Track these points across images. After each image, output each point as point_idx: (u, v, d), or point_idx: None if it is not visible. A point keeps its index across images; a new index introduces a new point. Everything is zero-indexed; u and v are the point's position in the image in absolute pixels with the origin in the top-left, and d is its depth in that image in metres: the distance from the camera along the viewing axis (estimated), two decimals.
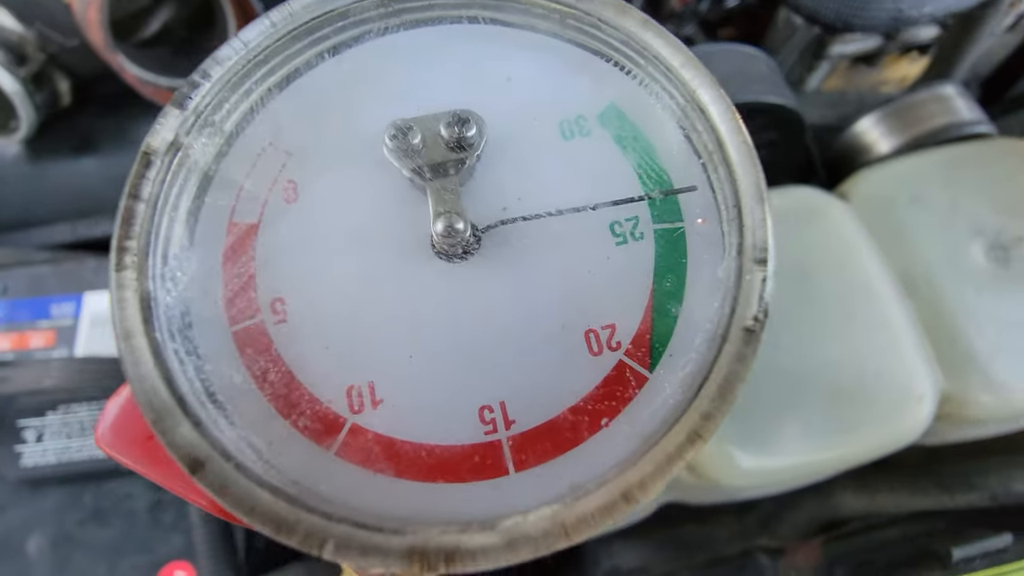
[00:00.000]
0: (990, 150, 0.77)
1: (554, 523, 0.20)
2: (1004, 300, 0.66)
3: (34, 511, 0.86)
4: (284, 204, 0.25)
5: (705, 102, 0.25)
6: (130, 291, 0.22)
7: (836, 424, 0.60)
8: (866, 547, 0.67)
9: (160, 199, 0.23)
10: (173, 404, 0.21)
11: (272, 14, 0.25)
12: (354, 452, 0.22)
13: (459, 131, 0.24)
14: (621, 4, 0.25)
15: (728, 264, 0.24)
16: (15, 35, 0.99)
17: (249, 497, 0.20)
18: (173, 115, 0.25)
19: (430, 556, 0.19)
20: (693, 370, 0.23)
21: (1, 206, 1.12)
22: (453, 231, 0.23)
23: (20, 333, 0.95)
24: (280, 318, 0.23)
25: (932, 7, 0.93)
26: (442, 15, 0.26)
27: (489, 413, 0.22)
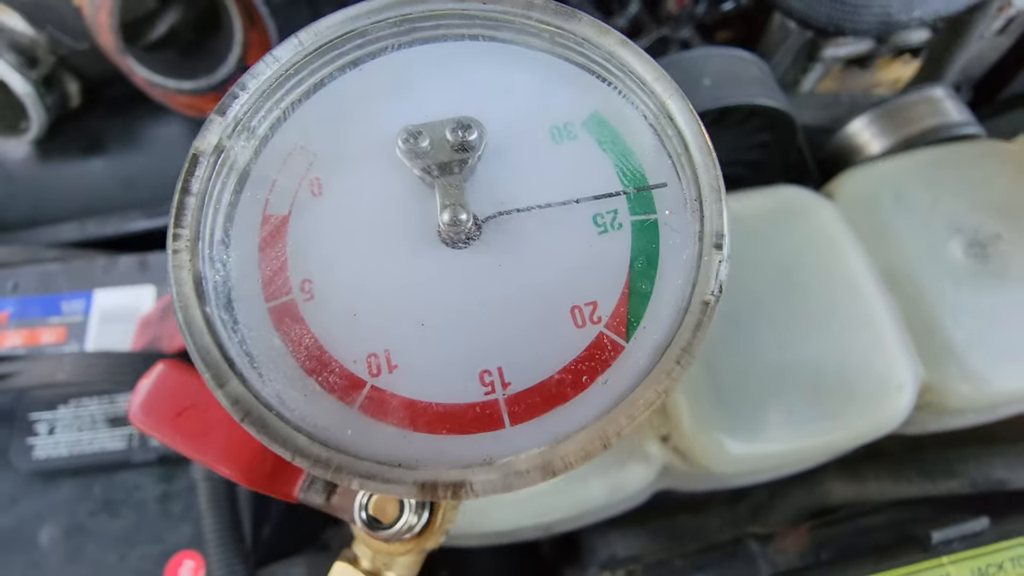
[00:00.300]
0: (970, 152, 0.80)
1: (541, 461, 0.24)
2: (981, 295, 0.68)
3: (46, 502, 0.88)
4: (311, 198, 0.29)
5: (673, 111, 0.29)
6: (185, 271, 0.26)
7: (820, 413, 0.63)
8: (851, 532, 0.69)
9: (207, 193, 0.27)
10: (224, 364, 0.25)
11: (301, 34, 0.29)
12: (374, 408, 0.26)
13: (462, 135, 0.28)
14: (602, 26, 0.30)
15: (690, 248, 0.28)
16: (27, 38, 1.01)
17: (291, 439, 0.24)
18: (217, 122, 0.29)
19: (439, 487, 0.23)
20: (660, 339, 0.27)
21: (11, 205, 1.14)
22: (457, 221, 0.28)
23: (31, 329, 0.97)
24: (309, 296, 0.27)
25: (920, 11, 0.95)
26: (447, 33, 0.31)
27: (488, 376, 0.26)
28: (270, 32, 1.07)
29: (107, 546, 0.86)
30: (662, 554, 0.81)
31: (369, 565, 0.32)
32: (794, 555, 0.67)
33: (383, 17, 0.30)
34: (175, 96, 1.07)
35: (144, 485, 0.89)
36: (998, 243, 0.70)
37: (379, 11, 0.30)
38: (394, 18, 0.30)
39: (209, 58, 1.15)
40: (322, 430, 0.25)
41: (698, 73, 0.90)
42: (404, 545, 0.29)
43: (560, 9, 0.30)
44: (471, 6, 0.30)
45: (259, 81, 0.29)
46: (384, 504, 0.28)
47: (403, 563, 0.32)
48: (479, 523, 0.65)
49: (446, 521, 0.32)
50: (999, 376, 0.66)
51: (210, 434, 0.29)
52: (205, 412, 0.29)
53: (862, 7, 0.95)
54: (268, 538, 0.95)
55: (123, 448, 0.88)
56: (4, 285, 0.99)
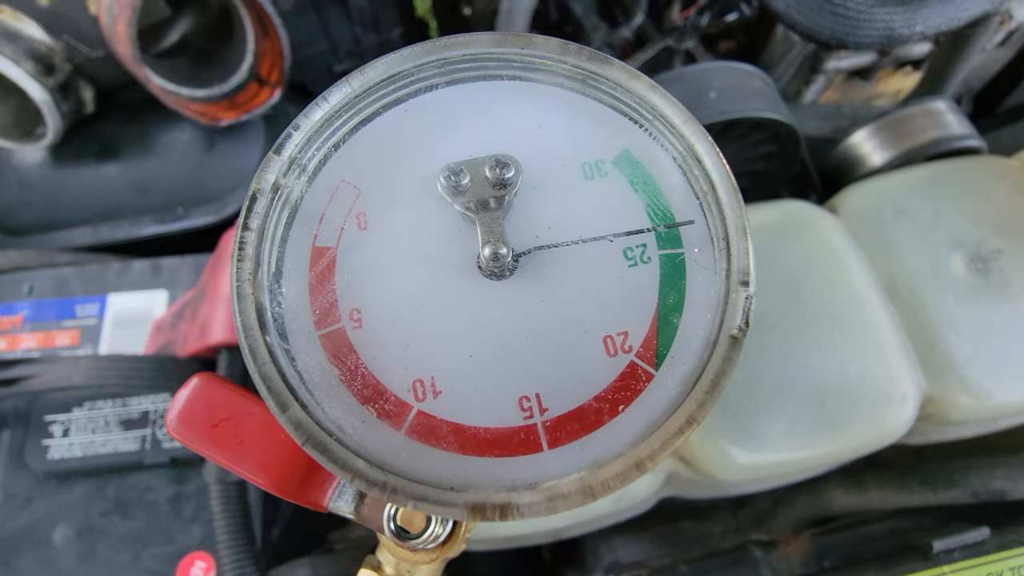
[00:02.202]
0: (971, 167, 0.81)
1: (582, 485, 0.26)
2: (982, 308, 0.69)
3: (60, 503, 0.89)
4: (358, 231, 0.31)
5: (701, 153, 0.31)
6: (248, 302, 0.27)
7: (824, 423, 0.64)
8: (854, 540, 0.70)
9: (264, 228, 0.29)
10: (286, 390, 0.27)
11: (352, 80, 0.31)
12: (420, 432, 0.28)
13: (500, 172, 0.30)
14: (633, 71, 0.31)
15: (718, 285, 0.29)
16: (44, 46, 1.03)
17: (350, 463, 0.26)
18: (275, 161, 0.30)
19: (487, 509, 0.25)
20: (690, 369, 0.29)
21: (26, 209, 1.15)
22: (498, 256, 0.29)
23: (46, 332, 0.98)
24: (357, 324, 0.29)
25: (922, 26, 0.96)
26: (486, 74, 0.33)
27: (527, 402, 0.28)
28: (283, 43, 1.08)
29: (119, 546, 0.87)
30: (666, 559, 0.82)
31: (393, 572, 0.34)
32: (797, 562, 0.68)
33: (426, 60, 0.32)
34: (188, 104, 1.08)
35: (156, 487, 0.90)
36: (999, 258, 0.71)
37: (422, 55, 0.32)
38: (435, 61, 0.32)
39: (221, 66, 1.16)
40: (378, 453, 0.27)
41: (704, 86, 0.92)
42: (429, 555, 0.31)
43: (593, 55, 0.32)
44: (509, 51, 0.32)
45: (311, 121, 0.31)
46: (412, 516, 0.30)
47: (426, 571, 0.34)
48: (489, 528, 0.66)
49: (468, 531, 0.33)
50: (1000, 388, 0.67)
51: (244, 445, 0.31)
52: (240, 424, 0.31)
53: (865, 22, 0.96)
54: (277, 540, 0.96)
55: (136, 450, 0.89)
56: (19, 288, 1.01)
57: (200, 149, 1.17)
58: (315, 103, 0.31)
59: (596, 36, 1.35)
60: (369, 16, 1.57)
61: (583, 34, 1.40)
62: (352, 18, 1.53)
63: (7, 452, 0.90)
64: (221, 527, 0.80)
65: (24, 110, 1.10)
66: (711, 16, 1.37)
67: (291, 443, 0.31)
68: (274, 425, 0.31)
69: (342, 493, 0.31)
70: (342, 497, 0.31)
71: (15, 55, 0.99)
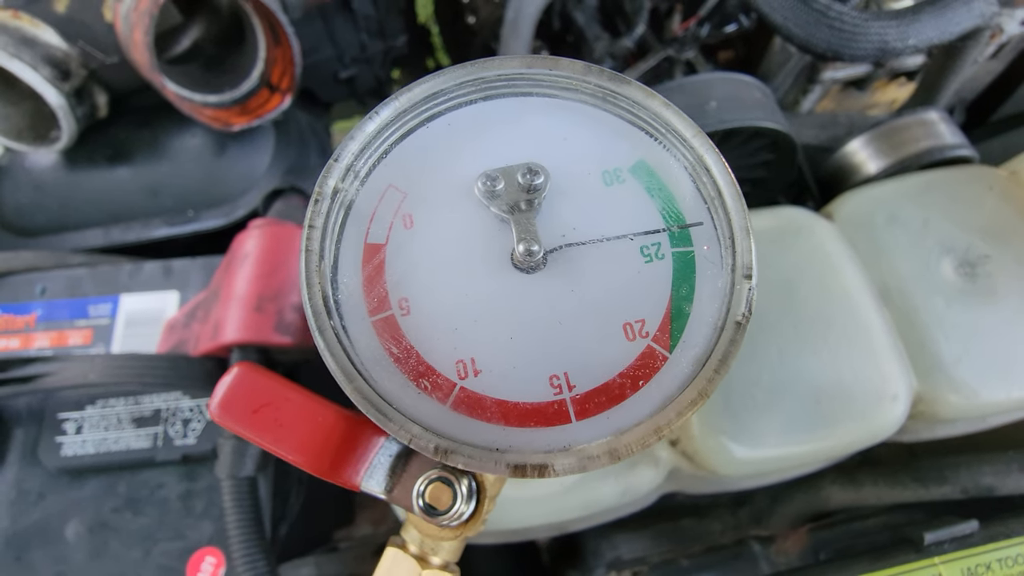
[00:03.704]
0: (960, 176, 0.84)
1: (609, 448, 0.30)
2: (970, 311, 0.72)
3: (73, 499, 0.90)
4: (404, 229, 0.35)
5: (709, 163, 0.35)
6: (316, 290, 0.31)
7: (819, 420, 0.67)
8: (849, 534, 0.73)
9: (326, 227, 0.33)
10: (350, 366, 0.31)
11: (400, 97, 0.36)
12: (464, 405, 0.31)
13: (531, 179, 0.34)
14: (648, 90, 0.35)
15: (724, 278, 0.33)
16: (60, 52, 1.05)
17: (407, 427, 0.30)
18: (335, 168, 0.35)
19: (527, 468, 0.29)
20: (700, 351, 0.32)
21: (38, 211, 1.17)
22: (531, 252, 0.33)
23: (59, 331, 0.99)
24: (405, 312, 0.33)
25: (915, 39, 0.99)
26: (518, 91, 0.37)
27: (556, 380, 0.32)
28: (294, 50, 1.11)
29: (131, 542, 0.88)
30: (667, 555, 0.84)
31: (417, 550, 0.36)
32: (794, 556, 0.71)
33: (464, 80, 0.36)
34: (202, 109, 1.11)
35: (167, 483, 0.91)
36: (987, 263, 0.74)
37: (461, 76, 0.36)
38: (473, 80, 0.36)
39: (233, 72, 1.19)
40: (429, 421, 0.30)
41: (705, 96, 0.95)
42: (453, 531, 0.33)
43: (613, 76, 0.36)
44: (538, 72, 0.36)
45: (365, 133, 0.35)
46: (439, 494, 0.33)
47: (447, 548, 0.36)
48: (497, 521, 0.68)
49: (487, 511, 0.35)
50: (987, 388, 0.70)
51: (283, 429, 0.33)
52: (278, 409, 0.33)
53: (860, 35, 0.99)
54: (285, 537, 0.97)
55: (148, 447, 0.90)
56: (33, 289, 1.02)
57: (211, 153, 1.19)
58: (368, 117, 0.35)
59: (598, 46, 1.38)
60: (375, 24, 1.60)
61: (585, 44, 1.43)
62: (358, 26, 1.56)
63: (21, 449, 0.91)
64: (232, 522, 0.81)
65: (38, 114, 1.12)
66: (711, 27, 1.41)
67: (325, 427, 0.33)
68: (309, 410, 0.33)
69: (373, 474, 0.33)
70: (373, 477, 0.33)
71: (33, 61, 1.01)
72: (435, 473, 0.33)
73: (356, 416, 0.35)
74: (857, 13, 0.99)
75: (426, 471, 0.33)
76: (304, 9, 1.24)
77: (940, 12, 0.98)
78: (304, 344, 0.90)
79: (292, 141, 1.23)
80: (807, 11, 0.99)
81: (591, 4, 1.48)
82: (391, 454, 0.34)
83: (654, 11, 1.45)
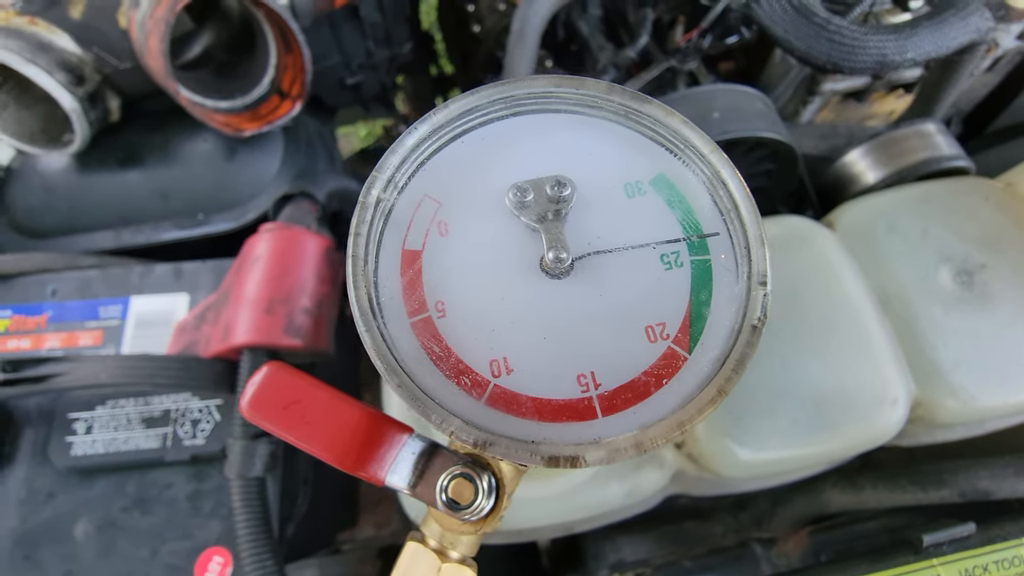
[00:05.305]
0: (958, 187, 0.86)
1: (636, 441, 0.31)
2: (968, 318, 0.74)
3: (82, 498, 0.90)
4: (440, 237, 0.37)
5: (726, 177, 0.37)
6: (362, 292, 0.33)
7: (820, 424, 0.68)
8: (849, 536, 0.74)
9: (369, 234, 0.35)
10: (397, 366, 0.33)
11: (436, 114, 0.39)
12: (497, 402, 0.34)
13: (558, 191, 0.37)
14: (668, 109, 0.38)
15: (741, 285, 0.35)
16: (75, 57, 1.07)
17: (448, 420, 0.31)
18: (378, 179, 0.37)
19: (560, 459, 0.31)
20: (718, 352, 0.34)
21: (49, 213, 1.18)
22: (560, 259, 0.35)
23: (70, 332, 1.00)
24: (441, 314, 0.35)
25: (913, 53, 1.02)
26: (545, 107, 0.40)
27: (583, 379, 0.34)
28: (305, 57, 1.13)
29: (139, 541, 0.88)
30: (670, 557, 0.85)
31: (436, 544, 0.37)
32: (795, 557, 0.72)
33: (496, 98, 0.39)
34: (213, 115, 1.12)
35: (176, 483, 0.91)
36: (983, 272, 0.76)
37: (493, 94, 0.39)
38: (504, 99, 0.39)
39: (244, 78, 1.21)
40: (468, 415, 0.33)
41: (707, 107, 0.97)
42: (473, 526, 0.35)
43: (635, 95, 0.39)
44: (565, 90, 0.39)
45: (405, 146, 0.37)
46: (461, 489, 0.34)
47: (466, 542, 0.37)
48: (506, 521, 0.69)
49: (506, 507, 0.37)
50: (984, 393, 0.72)
51: (311, 425, 0.34)
52: (306, 407, 0.35)
53: (859, 48, 1.01)
54: (291, 538, 0.98)
55: (157, 447, 0.91)
56: (44, 290, 1.03)
57: (221, 158, 1.20)
58: (407, 132, 0.37)
59: (602, 56, 1.40)
60: (382, 31, 1.63)
61: (589, 54, 1.45)
62: (365, 33, 1.58)
63: (31, 448, 0.92)
64: (241, 522, 0.81)
65: (52, 117, 1.14)
66: (713, 38, 1.43)
67: (351, 424, 0.35)
68: (336, 408, 0.35)
69: (397, 469, 0.35)
70: (397, 473, 0.35)
71: (48, 66, 1.03)
72: (458, 469, 0.34)
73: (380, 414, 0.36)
74: (856, 27, 1.01)
75: (449, 467, 0.35)
76: (314, 16, 1.26)
77: (937, 27, 1.00)
78: (313, 346, 0.91)
79: (301, 146, 1.25)
80: (807, 24, 1.02)
81: (595, 15, 1.50)
82: (415, 451, 0.35)
83: (657, 22, 1.48)
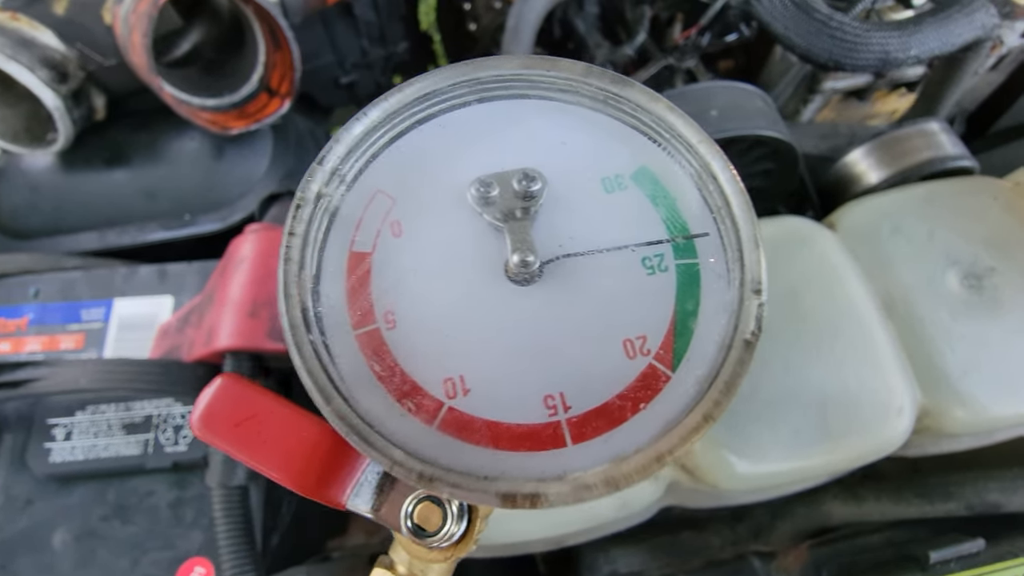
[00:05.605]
0: (965, 187, 0.84)
1: (607, 477, 0.27)
2: (976, 324, 0.71)
3: (60, 506, 0.88)
4: (392, 238, 0.33)
5: (716, 170, 0.33)
6: (294, 302, 0.29)
7: (823, 433, 0.65)
8: (851, 551, 0.71)
9: (307, 234, 0.31)
10: (329, 385, 0.29)
11: (389, 97, 0.34)
12: (452, 426, 0.30)
13: (527, 185, 0.33)
14: (652, 93, 0.34)
15: (732, 293, 0.31)
16: (58, 54, 1.05)
17: (388, 452, 0.28)
18: (319, 171, 0.33)
19: (517, 498, 0.27)
20: (706, 371, 0.30)
21: (33, 213, 1.16)
22: (526, 263, 0.31)
23: (51, 335, 0.98)
24: (391, 325, 0.31)
25: (917, 50, 0.99)
26: (514, 93, 0.35)
27: (551, 400, 0.30)
28: (294, 56, 1.10)
29: (119, 551, 0.86)
30: (666, 570, 0.82)
31: (405, 571, 0.34)
32: (795, 572, 0.69)
33: (458, 80, 0.34)
34: (199, 112, 1.10)
35: (157, 491, 0.89)
36: (992, 275, 0.73)
37: (455, 76, 0.34)
38: (468, 81, 0.34)
39: (232, 76, 1.19)
40: (414, 444, 0.28)
41: (706, 105, 0.94)
42: (443, 553, 0.32)
43: (615, 77, 0.34)
44: (536, 73, 0.34)
45: (352, 135, 0.33)
46: (428, 514, 0.31)
47: (437, 570, 0.35)
48: (494, 535, 0.67)
49: (479, 532, 0.34)
50: (994, 402, 0.69)
51: (266, 444, 0.32)
52: (262, 423, 0.32)
53: (861, 45, 0.99)
54: (276, 547, 0.96)
55: (138, 454, 0.89)
56: (26, 291, 1.01)
57: (208, 157, 1.18)
58: (355, 118, 0.33)
59: (599, 53, 1.38)
60: (376, 30, 1.61)
61: (586, 51, 1.43)
62: (359, 32, 1.56)
63: (9, 454, 0.90)
64: (223, 532, 0.80)
65: (35, 116, 1.12)
66: (712, 36, 1.41)
67: (311, 442, 0.32)
68: (295, 424, 0.32)
69: (360, 492, 0.32)
70: (360, 496, 0.32)
71: (30, 63, 1.01)
72: (424, 492, 0.31)
73: None
74: (859, 23, 0.99)
75: (415, 490, 0.32)
76: (305, 14, 1.23)
77: (942, 23, 0.98)
78: None
79: (290, 146, 1.23)
80: (809, 21, 0.99)
81: (592, 12, 1.48)
82: (379, 471, 0.32)
83: (655, 19, 1.46)
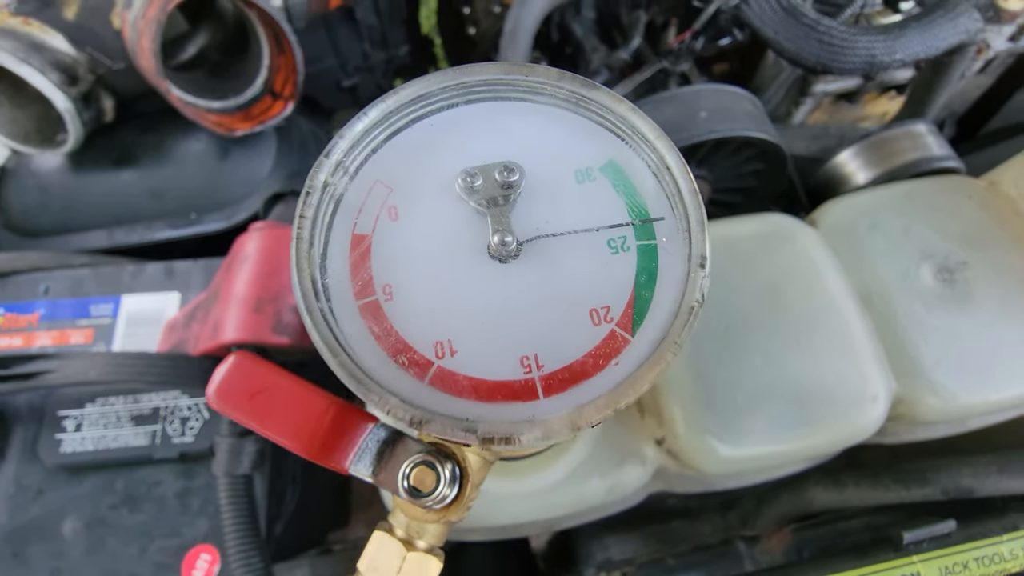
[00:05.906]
0: (941, 186, 0.87)
1: (570, 420, 0.32)
2: (949, 316, 0.74)
3: (70, 495, 0.90)
4: (390, 221, 0.38)
5: (670, 162, 0.38)
6: (305, 274, 0.34)
7: (801, 420, 0.69)
8: (831, 534, 0.74)
9: (315, 217, 0.36)
10: (336, 343, 0.33)
11: (387, 99, 0.39)
12: (440, 382, 0.34)
13: (507, 176, 0.38)
14: (616, 96, 0.39)
15: (682, 267, 0.36)
16: (69, 58, 1.08)
17: (386, 399, 0.32)
18: (325, 163, 0.38)
19: (495, 438, 0.31)
20: (658, 335, 0.35)
21: (43, 212, 1.19)
22: (505, 243, 0.36)
23: (61, 330, 1.01)
24: (389, 297, 0.36)
25: (902, 54, 1.02)
26: (497, 95, 0.41)
27: (526, 360, 0.35)
28: (297, 60, 1.14)
29: (127, 539, 0.89)
30: (656, 555, 0.85)
31: (403, 534, 0.38)
32: (778, 554, 0.72)
33: (447, 84, 0.39)
34: (206, 115, 1.13)
35: (164, 481, 0.92)
36: (965, 270, 0.76)
37: (444, 80, 0.39)
38: (455, 85, 0.40)
39: (237, 79, 1.22)
40: (408, 395, 0.33)
41: (696, 107, 0.97)
42: (437, 514, 0.35)
43: (585, 82, 0.40)
44: (516, 78, 0.40)
45: (354, 131, 0.38)
46: (423, 477, 0.35)
47: (432, 532, 0.38)
48: (486, 517, 0.70)
49: (470, 498, 0.37)
50: (964, 390, 0.72)
51: (276, 415, 0.35)
52: (272, 397, 0.35)
53: (848, 49, 1.02)
54: (280, 535, 0.98)
55: (146, 445, 0.91)
56: (36, 288, 1.04)
57: (214, 158, 1.21)
58: (357, 117, 0.38)
59: (595, 57, 1.41)
60: (378, 34, 1.64)
61: (583, 55, 1.46)
62: (361, 35, 1.59)
63: (21, 445, 0.93)
64: (228, 519, 0.82)
65: (45, 117, 1.15)
66: (705, 40, 1.43)
67: (317, 413, 0.35)
68: (302, 397, 0.35)
69: (361, 458, 0.35)
70: (361, 461, 0.35)
71: (41, 66, 1.04)
72: (420, 457, 0.35)
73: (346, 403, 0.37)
74: (845, 28, 1.02)
75: (411, 455, 0.35)
76: (308, 18, 1.27)
77: (926, 27, 1.01)
78: (302, 344, 0.92)
79: (294, 147, 1.26)
80: (797, 25, 1.02)
81: (589, 16, 1.51)
82: (379, 439, 0.36)
83: (650, 24, 1.48)
